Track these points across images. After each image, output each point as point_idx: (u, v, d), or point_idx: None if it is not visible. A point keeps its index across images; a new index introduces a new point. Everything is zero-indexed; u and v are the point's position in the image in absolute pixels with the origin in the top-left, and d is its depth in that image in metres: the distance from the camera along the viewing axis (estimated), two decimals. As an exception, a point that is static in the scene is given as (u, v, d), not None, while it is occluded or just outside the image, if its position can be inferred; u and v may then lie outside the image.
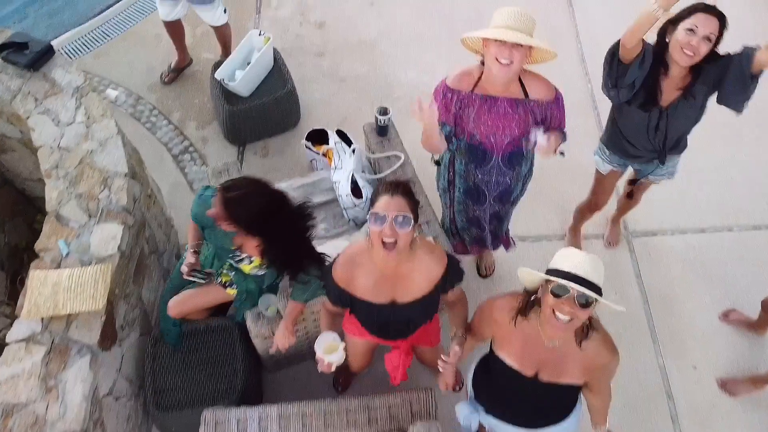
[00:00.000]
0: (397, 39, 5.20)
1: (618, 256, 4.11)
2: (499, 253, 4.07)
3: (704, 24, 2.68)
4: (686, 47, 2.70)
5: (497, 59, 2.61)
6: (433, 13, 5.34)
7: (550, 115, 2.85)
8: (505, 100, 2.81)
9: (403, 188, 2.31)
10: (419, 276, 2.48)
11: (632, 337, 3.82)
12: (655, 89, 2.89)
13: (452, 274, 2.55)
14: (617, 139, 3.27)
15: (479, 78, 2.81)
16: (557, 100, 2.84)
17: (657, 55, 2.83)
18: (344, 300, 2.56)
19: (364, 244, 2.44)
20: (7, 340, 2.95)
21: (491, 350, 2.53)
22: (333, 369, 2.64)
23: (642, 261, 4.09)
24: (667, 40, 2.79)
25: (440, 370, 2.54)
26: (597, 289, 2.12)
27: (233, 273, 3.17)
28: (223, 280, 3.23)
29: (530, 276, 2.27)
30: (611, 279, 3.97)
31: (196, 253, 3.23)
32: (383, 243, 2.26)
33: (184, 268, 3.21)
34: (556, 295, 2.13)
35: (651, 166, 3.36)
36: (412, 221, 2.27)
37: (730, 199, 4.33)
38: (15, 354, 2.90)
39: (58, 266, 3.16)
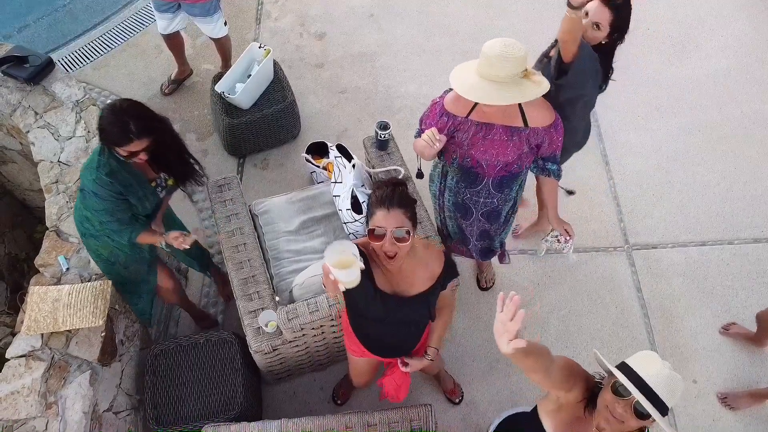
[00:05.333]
0: (397, 51, 5.20)
1: (618, 270, 4.11)
2: (499, 266, 4.07)
3: (595, 11, 2.83)
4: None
5: None
6: (434, 25, 5.35)
7: (548, 140, 2.81)
8: (501, 128, 2.78)
9: (399, 198, 2.28)
10: (421, 272, 2.49)
11: (632, 350, 3.76)
12: None
13: (450, 270, 2.57)
14: None
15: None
16: (556, 124, 2.80)
17: None
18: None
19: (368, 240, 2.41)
20: (7, 355, 2.96)
21: (535, 411, 2.37)
22: (341, 290, 2.14)
23: (642, 274, 4.09)
24: None
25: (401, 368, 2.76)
26: (662, 406, 1.96)
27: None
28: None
29: (600, 362, 2.14)
30: (612, 292, 3.99)
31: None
32: (385, 253, 2.29)
33: (184, 245, 2.95)
34: (615, 393, 2.01)
35: None
36: (412, 231, 2.28)
37: (731, 213, 4.34)
38: (15, 370, 2.90)
39: (58, 281, 3.18)
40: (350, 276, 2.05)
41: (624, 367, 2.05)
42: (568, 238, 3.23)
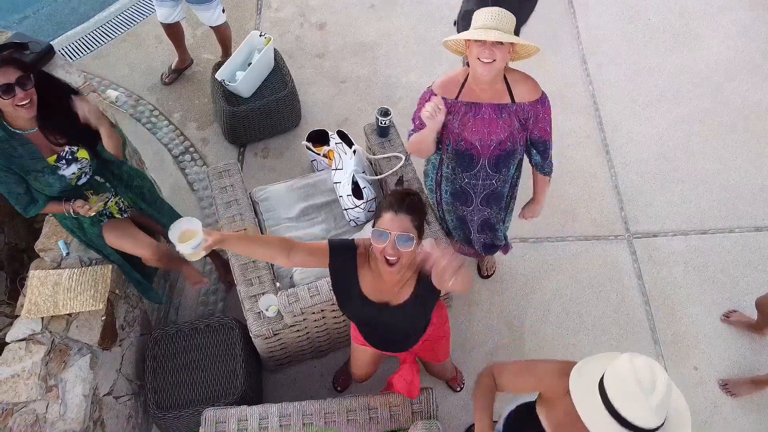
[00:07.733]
0: (398, 41, 5.20)
1: (619, 258, 4.10)
2: (500, 255, 4.06)
3: None
4: None
5: (479, 58, 2.63)
6: (434, 15, 5.33)
7: (534, 116, 2.87)
8: (490, 106, 2.84)
9: (409, 204, 2.23)
10: (406, 285, 2.43)
11: (633, 338, 3.82)
12: None
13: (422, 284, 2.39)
14: None
15: (464, 82, 2.84)
16: (542, 100, 2.86)
17: None
18: (347, 260, 2.40)
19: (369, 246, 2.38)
20: (8, 339, 2.95)
21: (536, 405, 2.32)
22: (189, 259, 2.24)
23: (643, 262, 4.08)
24: None
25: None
26: None
27: (86, 176, 3.00)
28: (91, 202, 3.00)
29: (583, 388, 1.99)
30: (613, 280, 3.99)
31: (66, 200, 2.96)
32: (386, 258, 2.24)
33: (90, 213, 2.92)
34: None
35: None
36: (415, 240, 2.23)
37: (732, 201, 4.33)
38: (15, 353, 2.90)
39: (58, 266, 3.17)
40: (186, 249, 2.17)
41: (603, 394, 1.89)
42: None
